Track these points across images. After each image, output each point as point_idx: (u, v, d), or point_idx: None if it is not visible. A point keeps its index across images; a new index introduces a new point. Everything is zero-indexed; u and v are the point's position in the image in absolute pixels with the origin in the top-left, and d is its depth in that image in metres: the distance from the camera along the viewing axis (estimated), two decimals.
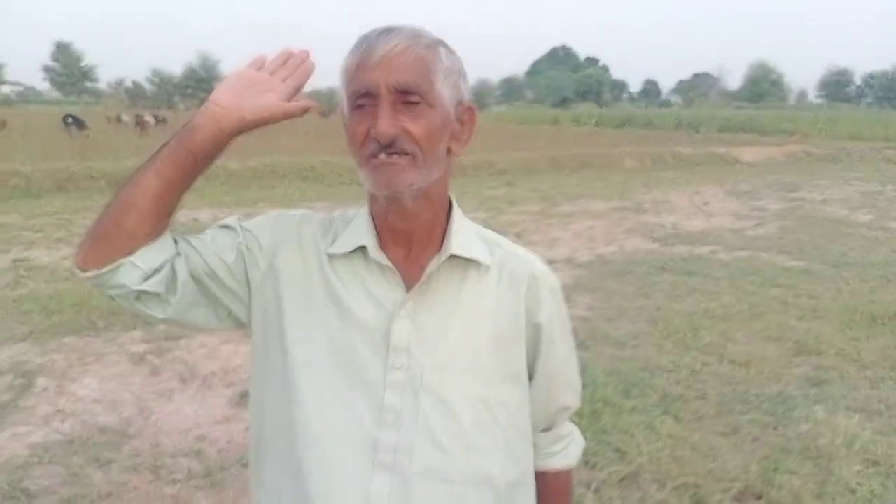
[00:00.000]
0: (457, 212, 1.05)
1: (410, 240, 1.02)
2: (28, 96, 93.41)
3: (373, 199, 1.02)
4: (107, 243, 0.96)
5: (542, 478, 1.14)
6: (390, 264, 1.00)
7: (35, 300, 5.34)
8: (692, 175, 17.17)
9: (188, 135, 0.95)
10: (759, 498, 2.94)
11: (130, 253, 0.95)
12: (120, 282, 0.97)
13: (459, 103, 0.98)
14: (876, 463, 3.21)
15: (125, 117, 25.51)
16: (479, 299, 1.02)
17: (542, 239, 8.53)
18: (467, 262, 1.02)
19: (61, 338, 4.64)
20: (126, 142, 17.30)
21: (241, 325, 1.09)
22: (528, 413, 1.08)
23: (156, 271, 0.98)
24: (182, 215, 9.51)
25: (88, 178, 11.95)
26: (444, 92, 0.95)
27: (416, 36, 0.94)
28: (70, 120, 20.48)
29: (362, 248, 1.00)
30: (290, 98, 0.98)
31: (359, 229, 1.02)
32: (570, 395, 1.16)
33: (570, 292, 6.03)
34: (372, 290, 1.00)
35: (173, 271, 1.00)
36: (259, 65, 0.99)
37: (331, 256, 1.03)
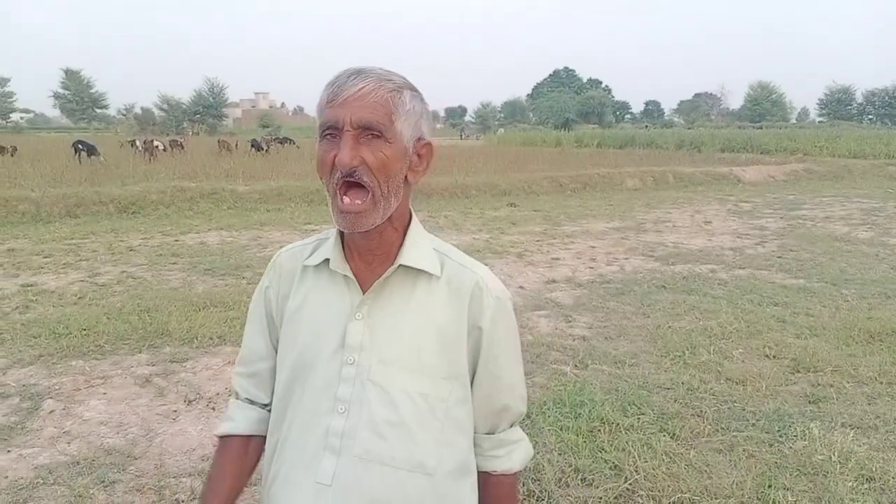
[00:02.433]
0: (414, 227, 1.17)
1: (372, 253, 1.14)
2: (38, 123, 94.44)
3: None
4: None
5: (484, 479, 1.22)
6: (349, 274, 1.14)
7: (43, 324, 5.42)
8: (693, 194, 17.25)
9: None
10: None
11: None
12: None
13: (419, 139, 1.11)
14: (871, 479, 3.23)
15: (139, 143, 25.83)
16: (428, 305, 1.13)
17: (544, 259, 8.60)
18: (418, 272, 1.14)
19: (69, 361, 4.71)
20: (135, 168, 17.50)
21: None
22: (469, 412, 1.18)
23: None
24: (189, 238, 9.63)
25: (97, 203, 12.11)
26: (404, 130, 1.07)
27: (383, 79, 1.06)
28: (81, 146, 20.68)
29: (328, 261, 1.15)
30: None
31: (327, 245, 1.18)
32: (511, 397, 1.22)
33: (570, 312, 6.10)
34: (334, 296, 1.15)
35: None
36: None
37: (305, 268, 1.19)
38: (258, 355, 1.26)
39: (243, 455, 1.26)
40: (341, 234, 1.16)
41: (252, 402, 1.28)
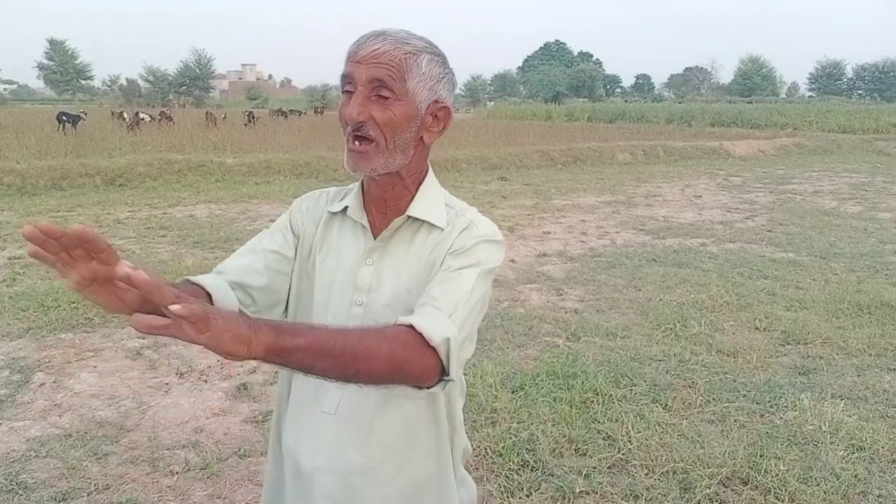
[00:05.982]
0: (429, 181, 1.24)
1: (385, 204, 1.22)
2: (22, 94, 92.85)
3: None
4: None
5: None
6: (362, 222, 1.23)
7: (32, 297, 5.37)
8: (684, 169, 17.26)
9: None
10: (745, 483, 3.00)
11: None
12: None
13: (435, 102, 1.16)
14: (861, 448, 3.28)
15: (126, 115, 25.61)
16: (423, 251, 1.21)
17: (535, 233, 8.59)
18: (424, 223, 1.21)
19: (58, 334, 4.67)
20: (121, 140, 17.25)
21: None
22: None
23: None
24: (178, 211, 9.52)
25: (83, 175, 11.93)
26: (417, 92, 1.12)
27: (401, 42, 1.11)
28: (64, 118, 20.38)
29: (347, 209, 1.25)
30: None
31: (349, 195, 1.27)
32: (444, 296, 1.09)
33: (561, 285, 6.10)
34: (349, 242, 1.24)
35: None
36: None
37: (331, 214, 1.28)
38: (253, 268, 1.20)
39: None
40: (362, 187, 1.24)
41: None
